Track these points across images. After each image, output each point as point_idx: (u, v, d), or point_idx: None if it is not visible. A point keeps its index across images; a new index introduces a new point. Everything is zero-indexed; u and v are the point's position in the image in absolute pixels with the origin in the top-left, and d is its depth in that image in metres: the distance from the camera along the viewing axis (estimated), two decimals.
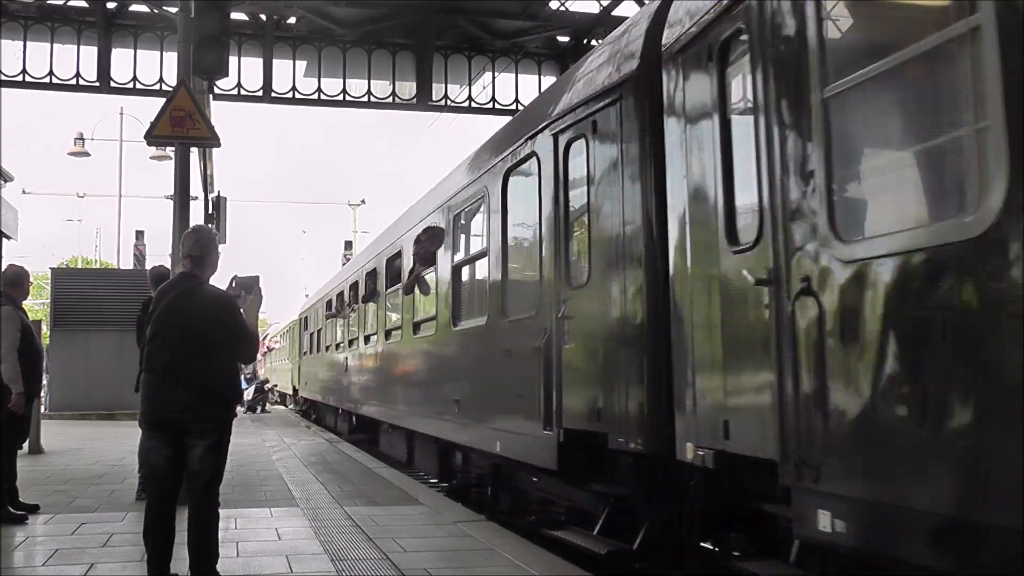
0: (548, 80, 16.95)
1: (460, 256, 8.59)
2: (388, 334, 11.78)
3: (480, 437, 7.50)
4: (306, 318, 24.12)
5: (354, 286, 15.03)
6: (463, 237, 8.72)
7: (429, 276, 9.61)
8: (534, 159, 6.44)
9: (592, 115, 5.57)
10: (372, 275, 13.25)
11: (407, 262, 10.43)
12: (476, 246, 8.14)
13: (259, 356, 36.84)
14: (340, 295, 16.79)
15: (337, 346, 16.85)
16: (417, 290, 9.92)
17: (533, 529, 6.56)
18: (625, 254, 5.16)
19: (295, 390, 26.55)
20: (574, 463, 5.71)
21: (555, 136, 6.07)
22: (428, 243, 9.32)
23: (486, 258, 7.52)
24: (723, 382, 4.17)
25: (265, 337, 40.22)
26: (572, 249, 5.99)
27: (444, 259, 8.90)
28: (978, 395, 2.76)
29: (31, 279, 7.44)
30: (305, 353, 23.60)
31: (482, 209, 7.76)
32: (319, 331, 20.23)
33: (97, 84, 16.04)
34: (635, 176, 5.11)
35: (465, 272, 8.56)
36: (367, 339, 13.52)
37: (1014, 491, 2.54)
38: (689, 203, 4.51)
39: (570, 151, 5.93)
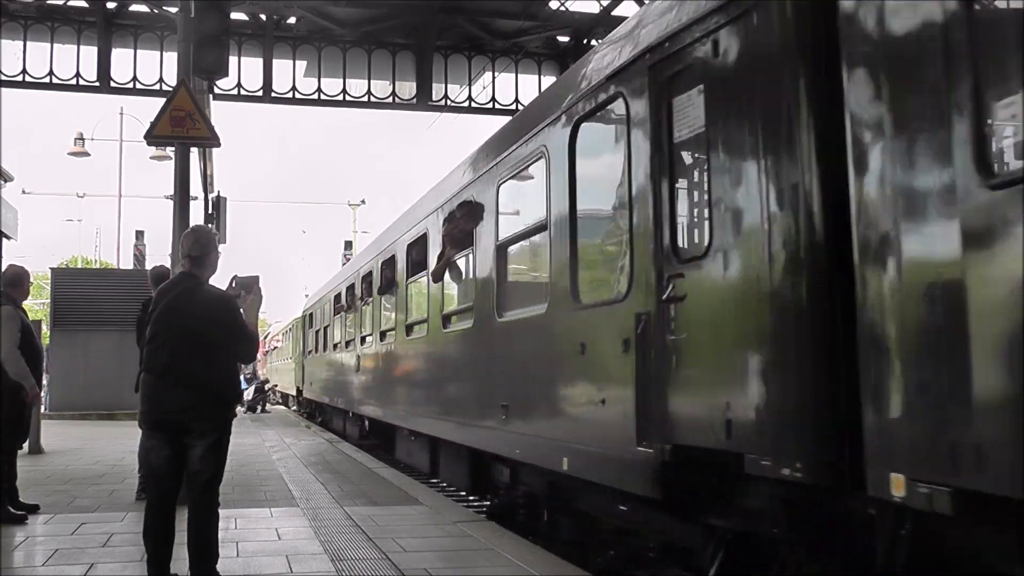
0: (548, 80, 16.96)
1: (507, 233, 7.10)
2: (409, 329, 10.43)
3: (537, 451, 6.14)
4: (311, 315, 23.14)
5: (367, 277, 13.81)
6: (512, 210, 7.26)
7: (463, 260, 8.33)
8: (620, 101, 5.07)
9: (710, 34, 4.19)
10: (390, 263, 11.83)
11: (435, 245, 9.03)
12: (531, 218, 6.66)
13: (260, 356, 36.89)
14: (351, 288, 15.70)
15: (347, 344, 15.79)
16: (448, 276, 8.66)
17: (613, 567, 5.55)
18: (774, 210, 3.78)
19: (299, 391, 25.62)
20: (684, 489, 4.44)
21: (652, 69, 4.68)
22: (463, 220, 7.99)
23: (545, 232, 6.10)
24: (972, 385, 2.78)
25: (266, 336, 40.23)
26: (682, 210, 4.68)
27: (485, 238, 7.46)
28: None
29: (31, 279, 7.43)
30: (310, 352, 22.70)
31: (538, 173, 6.44)
32: (326, 328, 19.36)
33: (97, 84, 16.04)
34: (791, 103, 3.74)
35: (514, 252, 7.20)
36: (383, 335, 12.15)
37: None
38: (891, 130, 3.17)
39: (676, 84, 4.53)
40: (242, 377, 12.74)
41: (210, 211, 18.20)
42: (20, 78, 15.75)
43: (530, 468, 6.69)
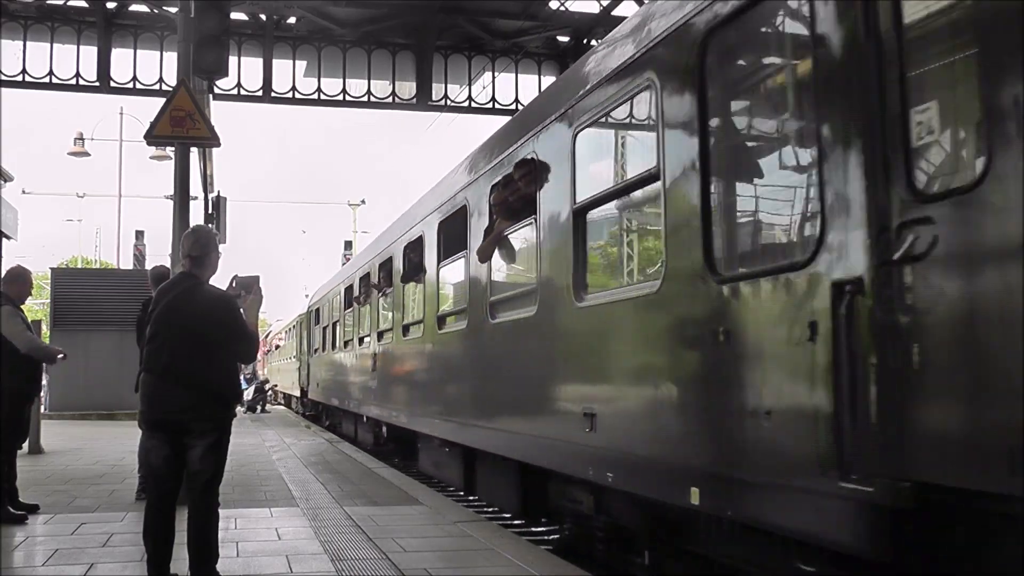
0: (548, 80, 16.95)
1: (590, 192, 5.43)
2: (441, 321, 8.81)
3: (645, 477, 4.66)
4: (317, 310, 21.71)
5: (386, 264, 12.02)
6: (600, 163, 5.77)
7: (519, 234, 6.95)
8: None
9: None
10: (416, 246, 10.07)
11: (479, 220, 7.50)
12: (632, 170, 5.24)
13: (260, 356, 36.81)
14: (366, 277, 14.10)
15: (361, 340, 14.09)
16: (497, 256, 7.24)
17: None
18: None
19: (303, 392, 24.55)
20: (926, 548, 2.97)
21: None
22: (522, 183, 6.55)
23: (658, 183, 4.53)
24: None
25: (267, 335, 40.17)
26: (926, 125, 3.19)
27: (554, 204, 5.84)
28: None
29: (32, 279, 7.41)
30: (316, 351, 21.52)
31: (641, 111, 4.94)
32: (335, 324, 17.99)
33: (97, 84, 16.04)
34: None
35: (599, 217, 5.64)
36: (406, 330, 10.45)
37: None
38: None
39: None
40: (242, 377, 12.70)
41: (210, 211, 18.20)
42: (20, 78, 15.74)
43: (624, 496, 5.13)
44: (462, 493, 9.48)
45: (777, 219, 4.08)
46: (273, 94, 16.61)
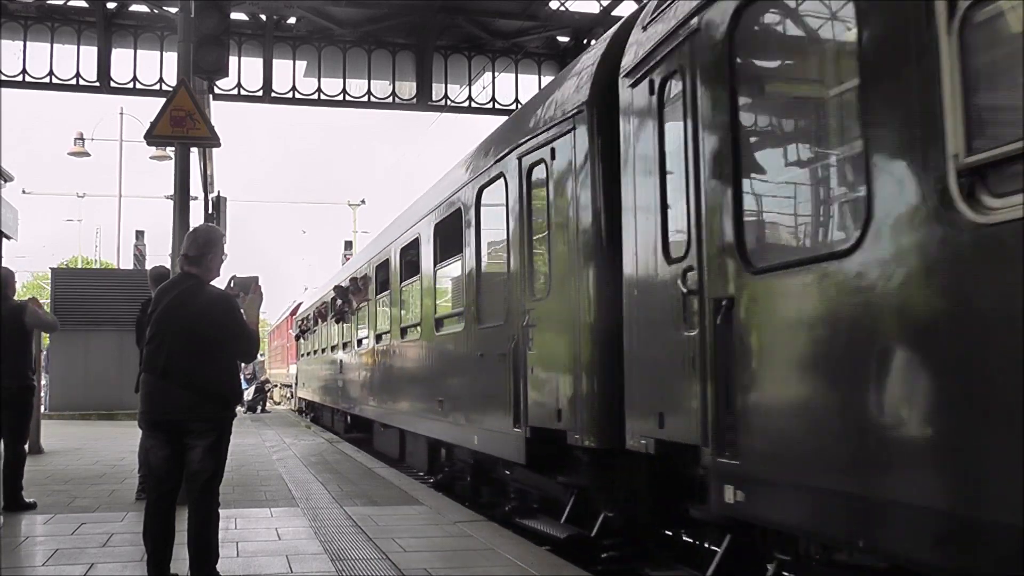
0: (548, 80, 16.94)
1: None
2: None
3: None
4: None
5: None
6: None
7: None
8: None
9: None
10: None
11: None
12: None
13: (260, 356, 36.62)
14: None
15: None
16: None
17: None
18: None
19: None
20: None
21: None
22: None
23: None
24: None
25: (269, 330, 39.50)
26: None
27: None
28: None
29: (16, 280, 7.44)
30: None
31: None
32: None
33: (97, 84, 16.03)
34: None
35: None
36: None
37: None
38: None
39: None
40: (242, 377, 12.72)
41: (210, 211, 18.19)
42: (20, 78, 15.73)
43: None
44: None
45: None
46: (273, 94, 16.61)
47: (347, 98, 16.98)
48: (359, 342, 13.98)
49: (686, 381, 4.25)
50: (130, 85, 16.20)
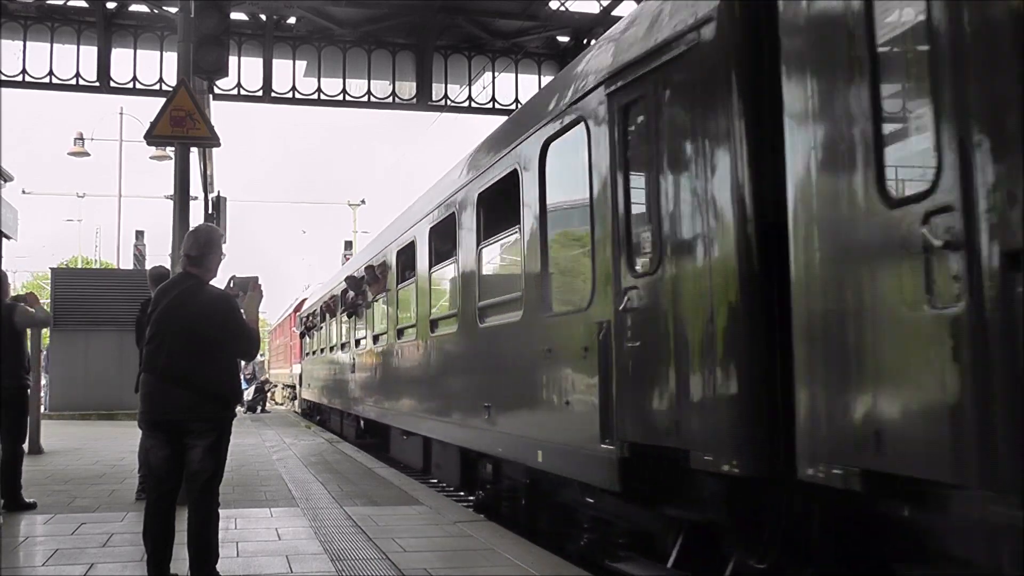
0: (548, 80, 16.94)
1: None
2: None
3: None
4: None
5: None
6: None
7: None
8: None
9: None
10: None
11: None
12: None
13: (260, 357, 36.65)
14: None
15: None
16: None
17: None
18: None
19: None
20: None
21: None
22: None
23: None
24: None
25: (270, 329, 39.44)
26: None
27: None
28: None
29: (10, 281, 7.50)
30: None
31: None
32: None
33: (97, 84, 16.03)
34: None
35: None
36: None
37: None
38: None
39: None
40: (242, 377, 12.69)
41: (210, 211, 18.19)
42: (20, 78, 15.73)
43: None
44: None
45: None
46: (273, 94, 16.61)
47: (347, 98, 16.98)
48: (375, 338, 12.36)
49: (935, 384, 2.88)
50: (130, 85, 16.20)
